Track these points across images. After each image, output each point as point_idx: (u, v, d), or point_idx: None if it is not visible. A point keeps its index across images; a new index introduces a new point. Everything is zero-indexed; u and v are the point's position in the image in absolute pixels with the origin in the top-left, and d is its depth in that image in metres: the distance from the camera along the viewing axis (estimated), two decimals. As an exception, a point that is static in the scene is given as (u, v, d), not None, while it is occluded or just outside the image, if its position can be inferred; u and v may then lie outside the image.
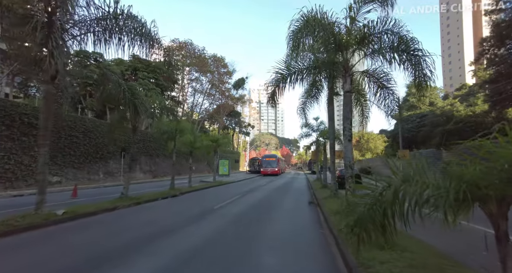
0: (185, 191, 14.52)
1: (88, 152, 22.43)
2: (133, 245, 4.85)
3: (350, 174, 7.77)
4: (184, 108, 45.83)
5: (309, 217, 7.82)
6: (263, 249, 4.74)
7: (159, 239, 5.23)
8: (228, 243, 5.10)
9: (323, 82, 12.15)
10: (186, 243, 4.98)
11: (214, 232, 5.88)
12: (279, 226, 6.64)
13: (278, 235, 5.75)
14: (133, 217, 7.81)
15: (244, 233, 5.85)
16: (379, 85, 8.64)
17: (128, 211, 8.71)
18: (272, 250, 4.72)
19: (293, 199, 11.92)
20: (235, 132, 70.80)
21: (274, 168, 35.54)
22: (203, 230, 6.06)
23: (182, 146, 16.79)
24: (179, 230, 6.03)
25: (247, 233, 5.84)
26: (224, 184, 20.75)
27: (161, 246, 4.80)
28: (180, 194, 13.51)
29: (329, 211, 8.11)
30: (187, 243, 4.98)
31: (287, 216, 7.83)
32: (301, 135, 23.47)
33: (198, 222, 6.84)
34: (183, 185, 17.89)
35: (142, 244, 4.88)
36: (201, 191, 15.12)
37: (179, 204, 10.33)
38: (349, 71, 8.13)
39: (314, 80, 10.01)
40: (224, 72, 46.10)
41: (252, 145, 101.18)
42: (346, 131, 7.91)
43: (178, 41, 38.52)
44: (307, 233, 6.07)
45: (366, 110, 11.53)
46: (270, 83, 8.32)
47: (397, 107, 8.47)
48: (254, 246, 4.90)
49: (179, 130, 14.37)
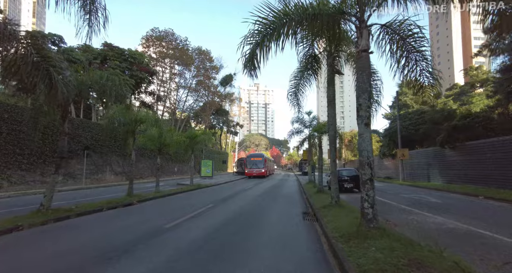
0: (146, 198, 11.48)
1: (42, 150, 18.95)
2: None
3: (369, 177, 5.03)
4: (166, 104, 42.42)
5: (306, 245, 5.01)
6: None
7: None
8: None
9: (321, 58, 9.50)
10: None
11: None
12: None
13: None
14: (17, 252, 4.78)
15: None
16: (405, 47, 5.96)
17: (28, 235, 5.66)
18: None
19: (282, 210, 9.10)
20: (222, 132, 67.67)
21: (261, 169, 32.38)
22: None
23: (148, 143, 13.73)
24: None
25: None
26: (203, 187, 17.75)
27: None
28: (137, 203, 10.48)
29: (335, 230, 5.36)
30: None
31: (272, 245, 4.99)
32: (292, 132, 20.75)
33: (116, 264, 3.89)
34: (151, 189, 14.82)
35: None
36: (167, 198, 12.09)
37: (121, 219, 7.32)
38: (365, 22, 5.42)
39: (312, 44, 7.25)
40: (210, 66, 43.02)
41: (242, 145, 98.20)
42: (362, 111, 5.18)
43: (158, 30, 35.20)
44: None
45: (376, 93, 8.90)
46: (247, 39, 5.49)
47: (432, 79, 5.79)
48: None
49: (138, 121, 11.33)
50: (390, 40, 5.99)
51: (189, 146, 18.41)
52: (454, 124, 19.06)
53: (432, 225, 6.46)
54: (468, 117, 19.18)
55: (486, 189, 14.49)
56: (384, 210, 8.35)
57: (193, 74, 41.52)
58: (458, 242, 4.99)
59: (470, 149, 17.90)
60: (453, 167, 19.71)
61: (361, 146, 5.18)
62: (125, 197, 11.16)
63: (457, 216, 7.46)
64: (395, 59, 6.15)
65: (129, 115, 11.16)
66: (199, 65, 41.07)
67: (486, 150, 15.99)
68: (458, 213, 8.22)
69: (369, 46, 5.29)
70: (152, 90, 36.75)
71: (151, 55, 35.88)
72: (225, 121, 61.89)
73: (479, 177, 16.63)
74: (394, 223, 6.52)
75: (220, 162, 56.19)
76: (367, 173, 5.05)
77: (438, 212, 8.17)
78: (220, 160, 56.66)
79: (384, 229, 4.86)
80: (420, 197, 12.72)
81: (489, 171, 15.65)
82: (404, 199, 11.63)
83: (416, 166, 24.83)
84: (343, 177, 14.75)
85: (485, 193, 13.00)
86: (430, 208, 9.17)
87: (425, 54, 5.97)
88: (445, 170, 20.66)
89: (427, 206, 9.56)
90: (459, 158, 19.08)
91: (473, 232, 5.70)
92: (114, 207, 9.33)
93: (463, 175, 18.51)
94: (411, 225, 6.51)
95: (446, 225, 6.43)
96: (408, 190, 16.67)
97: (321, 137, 15.73)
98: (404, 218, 7.36)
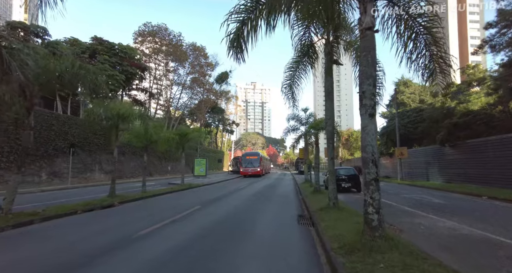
0: (130, 199, 10.64)
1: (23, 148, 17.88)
2: None
3: (374, 177, 4.26)
4: (160, 102, 41.39)
5: (299, 257, 4.23)
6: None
7: None
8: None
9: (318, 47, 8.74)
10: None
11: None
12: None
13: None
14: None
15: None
16: (414, 28, 5.20)
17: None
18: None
19: (275, 212, 8.33)
20: (218, 130, 66.75)
21: (256, 168, 31.49)
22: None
23: (133, 139, 12.86)
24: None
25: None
26: (194, 187, 16.92)
27: None
28: (119, 204, 9.64)
29: (334, 239, 4.60)
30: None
31: (260, 258, 4.20)
32: (288, 130, 20.01)
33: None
34: (138, 189, 13.97)
35: None
36: (152, 199, 11.25)
37: (92, 224, 6.48)
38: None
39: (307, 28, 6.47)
40: (205, 63, 42.00)
41: (238, 144, 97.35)
42: (366, 99, 4.41)
43: (151, 25, 34.12)
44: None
45: (378, 85, 8.15)
46: (232, 16, 4.67)
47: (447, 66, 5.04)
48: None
49: (121, 116, 10.44)
50: (398, 19, 5.22)
51: (179, 144, 17.57)
52: (455, 122, 18.46)
53: (442, 230, 5.74)
54: (469, 115, 18.60)
55: (487, 188, 13.92)
56: (385, 212, 7.63)
57: (188, 71, 40.50)
58: (477, 254, 4.26)
59: (471, 147, 17.32)
60: (452, 166, 19.15)
61: (364, 140, 4.41)
62: (106, 198, 10.30)
63: (466, 219, 6.76)
64: (402, 42, 5.39)
65: (110, 109, 10.28)
66: (193, 61, 40.02)
67: (488, 148, 15.41)
68: (466, 215, 7.53)
69: (374, 23, 4.51)
70: (145, 87, 35.69)
71: (144, 51, 34.82)
72: (221, 120, 60.97)
73: (480, 176, 16.06)
74: (400, 229, 5.79)
75: (216, 161, 55.29)
76: (371, 172, 4.29)
77: (444, 215, 7.47)
78: (216, 159, 55.76)
79: (391, 239, 4.11)
80: (422, 197, 12.05)
81: (491, 170, 15.07)
82: (405, 200, 10.94)
83: (415, 165, 24.26)
84: (340, 176, 14.04)
85: (488, 193, 12.38)
86: (435, 209, 8.48)
87: (437, 37, 5.22)
88: (444, 169, 20.10)
89: (431, 208, 8.87)
90: (459, 157, 18.51)
91: (492, 240, 4.98)
92: (91, 209, 8.48)
93: (463, 174, 17.95)
94: (419, 231, 5.79)
95: (458, 230, 5.71)
96: (407, 189, 16.02)
97: (318, 134, 14.98)
98: (409, 222, 6.64)
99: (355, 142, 50.34)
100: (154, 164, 36.80)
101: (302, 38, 7.51)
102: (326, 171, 21.43)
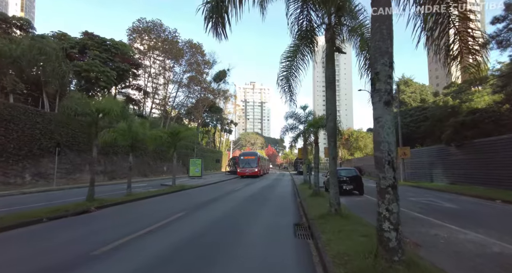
0: (111, 203, 9.63)
1: (6, 147, 16.88)
2: None
3: (391, 183, 3.28)
4: (155, 101, 40.32)
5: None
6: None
7: None
8: None
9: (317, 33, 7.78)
10: None
11: None
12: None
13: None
14: None
15: None
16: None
17: None
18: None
19: (269, 219, 7.34)
20: (216, 130, 65.72)
21: (254, 169, 30.43)
22: None
23: (118, 138, 11.85)
24: None
25: None
26: (186, 189, 15.91)
27: None
28: (96, 209, 8.64)
29: (339, 261, 3.63)
30: None
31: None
32: (286, 128, 19.03)
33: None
34: (124, 192, 12.97)
35: None
36: (135, 204, 10.24)
37: (51, 237, 5.45)
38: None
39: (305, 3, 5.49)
40: (202, 61, 40.97)
41: (237, 144, 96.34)
42: (380, 83, 3.43)
43: (146, 21, 33.06)
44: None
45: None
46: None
47: (477, 45, 4.08)
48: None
49: (101, 111, 9.42)
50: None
51: (171, 143, 16.58)
52: (461, 120, 17.50)
53: (468, 246, 4.76)
54: (476, 113, 17.66)
55: (495, 190, 13.01)
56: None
57: (184, 69, 39.46)
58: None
59: (479, 147, 16.37)
60: (458, 166, 18.18)
61: (378, 135, 3.43)
62: (83, 202, 9.29)
63: (492, 231, 5.78)
64: (421, 17, 4.40)
65: (88, 104, 9.26)
66: (190, 59, 38.99)
67: (499, 148, 14.45)
68: (488, 224, 6.56)
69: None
70: (140, 85, 34.64)
71: (139, 48, 33.77)
72: (219, 119, 59.93)
73: (489, 178, 15.10)
74: (416, 243, 4.81)
75: (214, 161, 54.24)
76: (388, 176, 3.30)
77: (463, 224, 6.49)
78: (214, 159, 54.71)
79: (416, 264, 3.13)
80: (430, 200, 11.09)
81: (501, 171, 14.12)
82: (413, 204, 9.98)
83: (418, 166, 23.29)
84: (341, 177, 13.05)
85: (501, 196, 11.43)
86: (449, 216, 7.52)
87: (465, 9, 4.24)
88: (449, 169, 19.14)
89: (444, 214, 7.91)
90: (466, 157, 17.56)
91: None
92: (62, 216, 7.47)
93: (469, 175, 17.00)
94: (439, 245, 4.81)
95: (487, 246, 4.74)
96: (412, 192, 15.06)
97: (318, 132, 14.00)
98: (424, 233, 5.67)
99: (355, 142, 49.43)
100: (149, 164, 35.74)
101: (300, 17, 6.52)
102: (326, 171, 20.47)
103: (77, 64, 21.55)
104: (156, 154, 35.04)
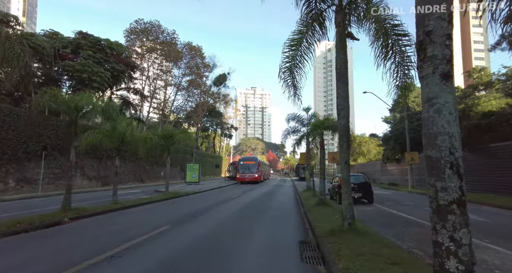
0: (89, 213, 8.43)
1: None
2: None
3: (457, 197, 2.11)
4: (153, 104, 39.35)
5: None
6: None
7: None
8: None
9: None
10: None
11: None
12: None
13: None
14: None
15: None
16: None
17: None
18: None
19: (267, 237, 6.12)
20: (216, 134, 64.62)
21: (253, 174, 29.14)
22: None
23: (104, 139, 10.70)
24: None
25: None
26: (179, 196, 14.67)
27: None
28: (70, 221, 7.46)
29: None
30: None
31: None
32: (287, 131, 17.87)
33: None
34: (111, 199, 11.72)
35: None
36: (118, 213, 9.02)
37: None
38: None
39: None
40: (202, 64, 40.12)
41: (237, 149, 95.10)
42: (435, 45, 2.29)
43: (143, 22, 32.34)
44: None
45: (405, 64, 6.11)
46: None
47: None
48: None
49: (79, 109, 8.30)
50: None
51: (165, 146, 15.44)
52: (476, 123, 16.36)
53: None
54: (491, 116, 16.51)
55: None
56: (423, 238, 5.48)
57: (183, 72, 38.60)
58: None
59: (495, 151, 15.19)
60: (472, 173, 16.93)
61: (432, 125, 2.27)
62: (56, 212, 8.10)
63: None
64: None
65: (66, 101, 8.16)
66: (189, 62, 38.14)
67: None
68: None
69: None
70: (137, 88, 33.69)
71: (136, 50, 32.96)
72: (219, 124, 58.86)
73: (510, 185, 13.87)
74: None
75: (213, 166, 52.93)
76: (450, 186, 2.14)
77: (505, 244, 5.29)
78: (213, 164, 53.39)
79: None
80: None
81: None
82: (434, 216, 8.71)
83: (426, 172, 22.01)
84: (349, 184, 11.81)
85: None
86: (484, 232, 6.32)
87: None
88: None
89: (476, 229, 6.66)
90: (480, 162, 16.34)
91: None
92: (22, 230, 6.25)
93: (486, 183, 15.77)
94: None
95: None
96: (424, 200, 13.78)
97: (323, 135, 12.84)
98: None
99: (358, 147, 48.19)
100: (145, 169, 34.47)
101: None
102: (330, 178, 19.19)
103: (69, 64, 20.61)
104: (153, 159, 33.84)
